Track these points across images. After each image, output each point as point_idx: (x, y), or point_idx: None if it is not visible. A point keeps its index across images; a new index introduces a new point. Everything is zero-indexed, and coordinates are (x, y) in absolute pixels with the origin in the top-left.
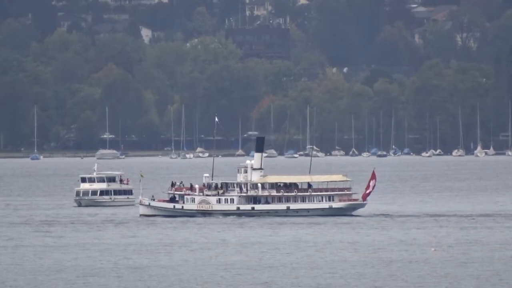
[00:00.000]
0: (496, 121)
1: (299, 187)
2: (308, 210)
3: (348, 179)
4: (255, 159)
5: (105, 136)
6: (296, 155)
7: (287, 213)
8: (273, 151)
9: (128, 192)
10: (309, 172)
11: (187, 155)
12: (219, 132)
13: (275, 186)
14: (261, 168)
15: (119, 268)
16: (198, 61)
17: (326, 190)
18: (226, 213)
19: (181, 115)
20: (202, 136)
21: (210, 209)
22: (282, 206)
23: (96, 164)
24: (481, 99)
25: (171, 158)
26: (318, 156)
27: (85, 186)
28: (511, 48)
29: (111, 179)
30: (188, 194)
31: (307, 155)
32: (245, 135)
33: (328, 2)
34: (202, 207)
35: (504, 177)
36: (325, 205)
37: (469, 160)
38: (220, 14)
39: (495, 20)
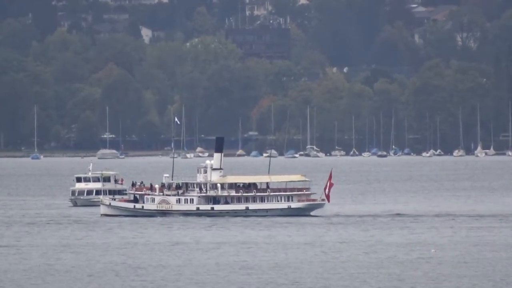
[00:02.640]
0: (496, 121)
1: (258, 187)
2: (267, 210)
3: (306, 179)
4: (215, 159)
5: (105, 136)
6: (296, 155)
7: (246, 213)
8: (273, 151)
9: (123, 192)
10: (268, 172)
11: (187, 155)
12: (178, 133)
13: (234, 186)
14: (220, 168)
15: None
16: (198, 61)
17: (285, 190)
18: (185, 213)
19: (181, 115)
20: (202, 136)
21: (170, 209)
22: (241, 206)
23: (91, 163)
24: (481, 99)
25: (171, 158)
26: (318, 157)
27: (81, 185)
28: (510, 48)
29: (106, 179)
30: (148, 194)
31: (307, 155)
32: (245, 135)
33: (328, 2)
34: (162, 207)
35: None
36: (284, 205)
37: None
38: (220, 14)
39: (495, 20)
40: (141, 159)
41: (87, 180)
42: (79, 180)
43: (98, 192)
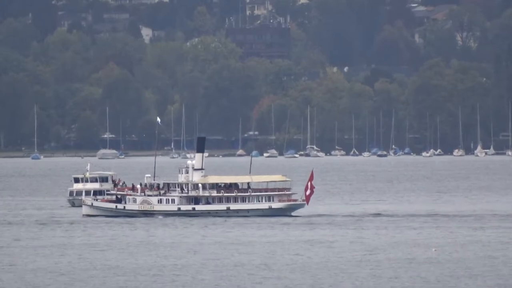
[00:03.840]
0: (496, 121)
1: (240, 187)
2: (248, 210)
3: (287, 179)
4: (196, 160)
5: (105, 136)
6: (296, 155)
7: (228, 213)
8: (273, 151)
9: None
10: (249, 173)
11: (188, 155)
12: (160, 132)
13: (215, 186)
14: (202, 169)
15: None
16: (198, 61)
17: (266, 190)
18: (167, 214)
19: (181, 115)
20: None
21: (152, 209)
22: (222, 207)
23: (89, 164)
24: (481, 99)
25: (172, 158)
26: (318, 156)
27: (78, 186)
28: (510, 48)
29: (104, 179)
30: (130, 195)
31: (307, 155)
32: (245, 135)
33: (329, 2)
34: (143, 207)
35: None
36: (265, 205)
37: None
38: (220, 14)
39: (495, 19)
40: (141, 159)
41: (85, 180)
42: (77, 180)
43: (95, 192)
